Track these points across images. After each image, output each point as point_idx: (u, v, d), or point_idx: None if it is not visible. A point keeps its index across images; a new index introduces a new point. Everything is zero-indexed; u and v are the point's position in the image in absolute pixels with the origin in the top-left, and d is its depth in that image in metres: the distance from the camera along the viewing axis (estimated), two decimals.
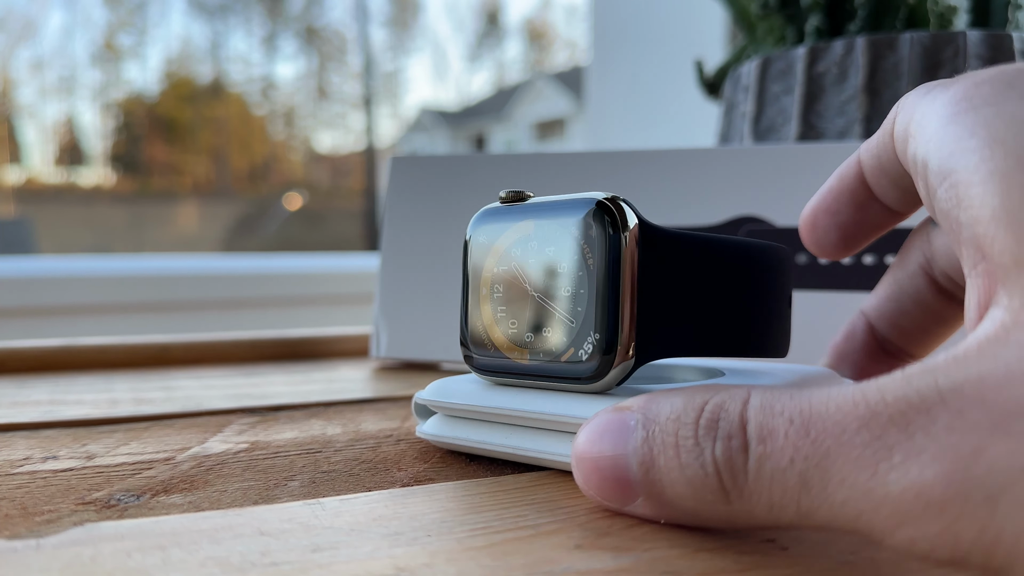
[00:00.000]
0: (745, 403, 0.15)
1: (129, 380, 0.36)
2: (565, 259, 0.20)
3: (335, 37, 2.60)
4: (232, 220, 2.25)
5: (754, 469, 0.14)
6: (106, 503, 0.19)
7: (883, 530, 0.13)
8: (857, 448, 0.13)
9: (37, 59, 2.25)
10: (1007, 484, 0.12)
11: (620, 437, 0.17)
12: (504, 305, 0.22)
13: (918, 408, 0.13)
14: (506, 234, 0.21)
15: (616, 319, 0.19)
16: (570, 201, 0.20)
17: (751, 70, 0.42)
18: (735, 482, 0.15)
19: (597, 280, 0.19)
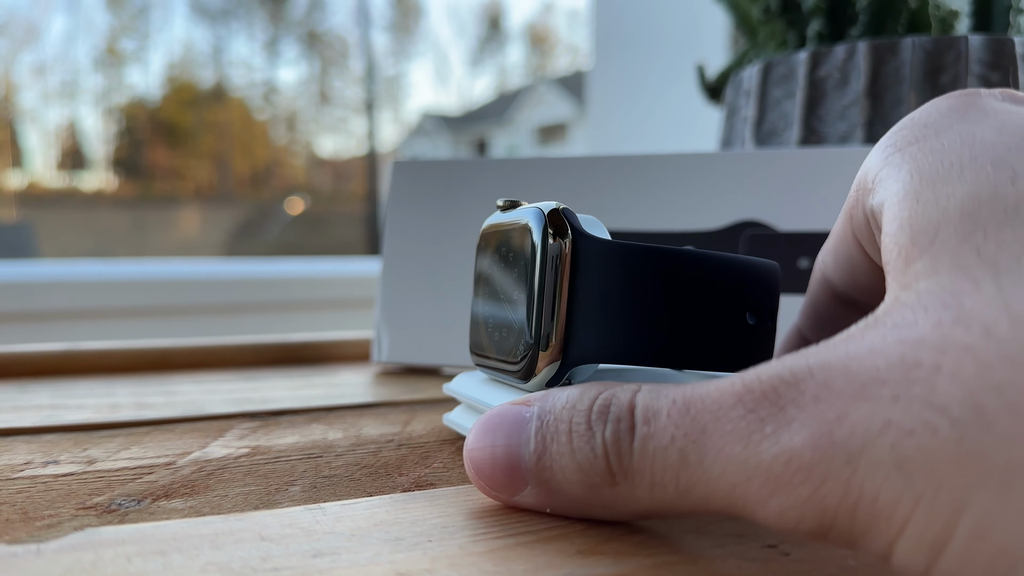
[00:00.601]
0: (635, 392, 0.16)
1: (130, 385, 0.36)
2: (518, 266, 0.21)
3: (337, 42, 2.60)
4: (234, 224, 2.25)
5: (639, 449, 0.15)
6: (107, 508, 0.19)
7: (756, 501, 0.14)
8: (732, 422, 0.14)
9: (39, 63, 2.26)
10: (866, 445, 0.12)
11: (514, 428, 0.17)
12: (487, 306, 0.23)
13: (789, 383, 0.14)
14: (490, 240, 0.23)
15: (541, 323, 0.19)
16: (526, 211, 0.21)
17: (753, 74, 0.42)
18: (621, 463, 0.15)
19: (531, 286, 0.20)
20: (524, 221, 0.20)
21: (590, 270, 0.19)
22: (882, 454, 0.12)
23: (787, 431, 0.13)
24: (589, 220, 0.20)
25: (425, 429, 0.28)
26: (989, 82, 0.37)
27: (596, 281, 0.19)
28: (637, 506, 0.16)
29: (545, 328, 0.19)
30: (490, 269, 0.23)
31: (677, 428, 0.15)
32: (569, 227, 0.19)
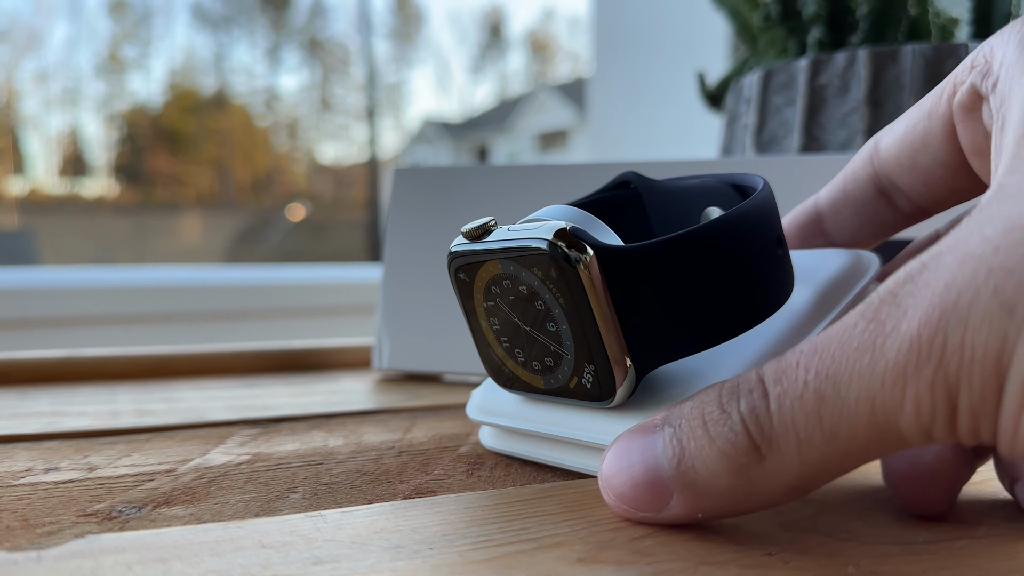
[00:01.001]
0: (760, 365, 0.16)
1: (131, 391, 0.36)
2: (540, 298, 0.20)
3: (338, 49, 2.61)
4: (235, 231, 2.26)
5: (776, 410, 0.15)
6: (107, 515, 0.19)
7: (894, 406, 0.14)
8: (856, 338, 0.14)
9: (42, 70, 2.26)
10: (972, 299, 0.13)
11: (648, 443, 0.17)
12: (505, 337, 0.22)
13: (904, 281, 0.14)
14: (479, 274, 0.21)
15: (603, 348, 0.19)
16: (526, 240, 0.19)
17: (753, 82, 0.42)
18: (762, 431, 0.15)
19: (573, 317, 0.19)
20: (538, 249, 0.19)
21: (624, 280, 0.19)
22: (986, 300, 0.13)
23: (904, 320, 0.13)
24: (586, 220, 0.20)
25: (426, 436, 0.28)
26: None
27: (634, 288, 0.19)
28: (788, 475, 0.15)
29: (610, 350, 0.19)
30: (497, 303, 0.21)
31: (807, 371, 0.15)
32: (587, 245, 0.18)
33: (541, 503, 0.20)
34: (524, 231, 0.19)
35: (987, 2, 0.41)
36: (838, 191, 0.23)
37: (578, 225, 0.19)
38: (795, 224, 0.24)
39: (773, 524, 0.18)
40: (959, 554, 0.17)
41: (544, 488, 0.21)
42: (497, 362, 0.23)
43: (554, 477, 0.23)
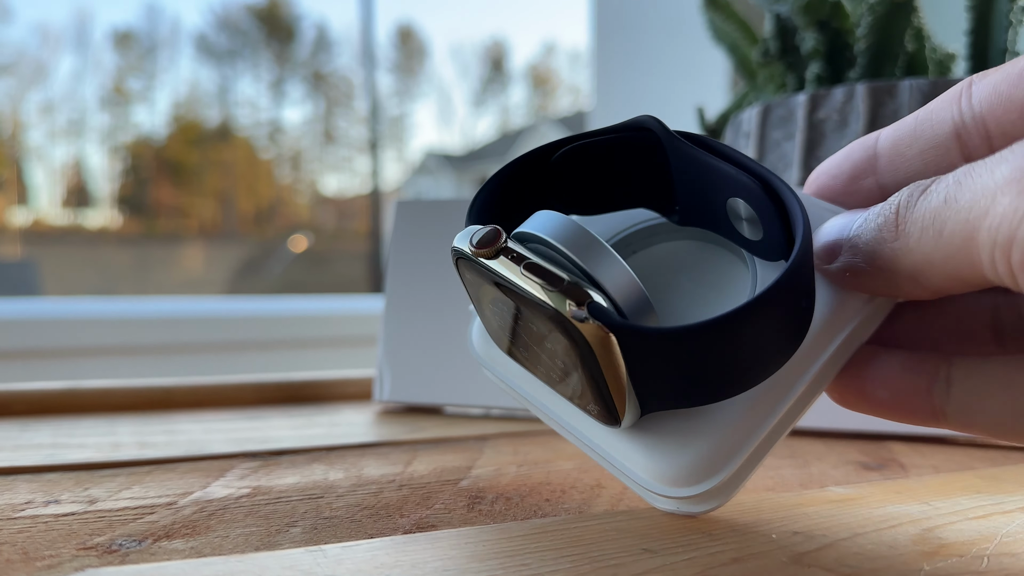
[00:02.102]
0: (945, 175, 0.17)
1: (132, 423, 0.36)
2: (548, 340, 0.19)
3: (342, 83, 2.63)
4: (237, 262, 2.26)
5: (921, 201, 0.17)
6: (108, 548, 0.19)
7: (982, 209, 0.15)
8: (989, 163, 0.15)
9: (47, 102, 2.28)
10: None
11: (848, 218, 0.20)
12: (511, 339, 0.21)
13: None
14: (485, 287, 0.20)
15: (611, 399, 0.18)
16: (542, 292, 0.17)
17: (752, 117, 0.42)
18: (906, 214, 0.17)
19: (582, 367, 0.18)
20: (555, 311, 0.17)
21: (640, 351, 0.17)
22: None
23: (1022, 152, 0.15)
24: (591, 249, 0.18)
25: (427, 469, 0.27)
26: None
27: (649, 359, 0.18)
28: (908, 259, 0.17)
29: (618, 401, 0.18)
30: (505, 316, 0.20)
31: (953, 177, 0.16)
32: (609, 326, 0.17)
33: (542, 538, 0.20)
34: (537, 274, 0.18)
35: (983, 37, 0.41)
36: (906, 129, 0.22)
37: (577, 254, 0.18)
38: (849, 159, 0.23)
39: (776, 559, 0.18)
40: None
41: (545, 523, 0.21)
42: (501, 339, 0.22)
43: (554, 512, 0.22)
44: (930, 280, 0.17)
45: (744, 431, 0.19)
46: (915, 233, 0.17)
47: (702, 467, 0.19)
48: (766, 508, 0.23)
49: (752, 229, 0.21)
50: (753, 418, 0.19)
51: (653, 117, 0.22)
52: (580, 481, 0.26)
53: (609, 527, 0.21)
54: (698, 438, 0.19)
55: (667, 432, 0.19)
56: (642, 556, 0.18)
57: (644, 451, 0.19)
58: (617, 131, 0.23)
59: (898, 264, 0.18)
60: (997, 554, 0.19)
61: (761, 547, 0.19)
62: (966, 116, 0.20)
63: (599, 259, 0.18)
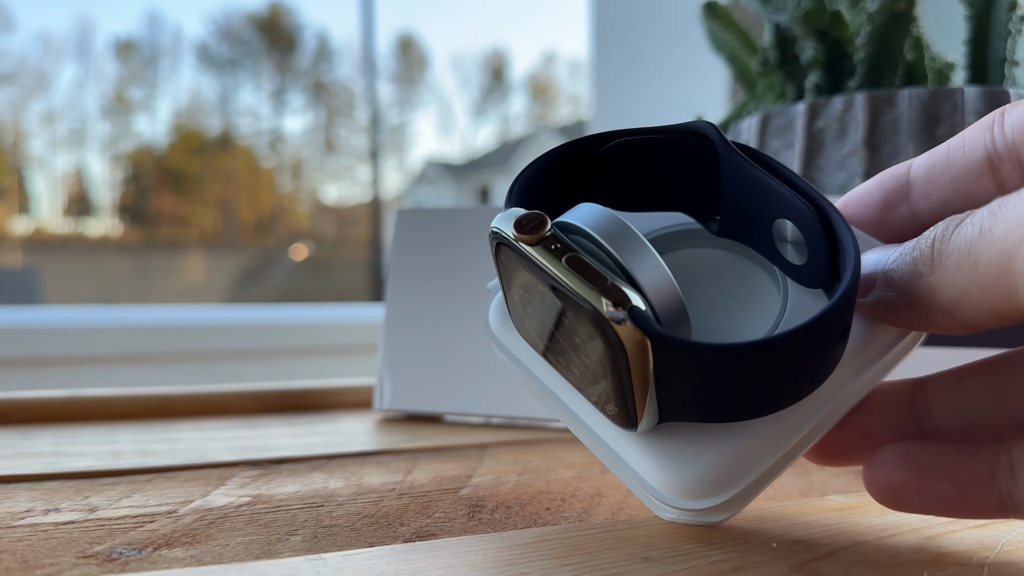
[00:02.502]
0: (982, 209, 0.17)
1: (133, 432, 0.36)
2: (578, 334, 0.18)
3: (343, 92, 2.64)
4: (238, 271, 2.26)
5: (956, 234, 0.17)
6: (108, 556, 0.19)
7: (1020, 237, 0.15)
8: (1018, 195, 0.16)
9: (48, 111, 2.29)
10: None
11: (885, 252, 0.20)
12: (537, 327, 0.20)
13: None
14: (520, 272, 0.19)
15: (634, 403, 0.18)
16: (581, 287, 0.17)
17: (752, 126, 0.43)
18: (941, 247, 0.17)
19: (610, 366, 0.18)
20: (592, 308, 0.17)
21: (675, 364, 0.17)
22: None
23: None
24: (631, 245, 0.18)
25: (427, 478, 0.27)
26: None
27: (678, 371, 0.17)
28: (945, 292, 0.17)
29: (640, 407, 0.18)
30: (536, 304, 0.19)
31: (988, 209, 0.16)
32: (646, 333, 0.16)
33: (542, 547, 0.20)
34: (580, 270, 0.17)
35: (983, 47, 0.41)
36: (939, 157, 0.22)
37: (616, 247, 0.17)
38: (881, 188, 0.23)
39: (776, 568, 0.18)
40: None
41: (545, 532, 0.21)
42: (524, 326, 0.21)
43: (555, 521, 0.22)
44: (965, 313, 0.17)
45: (758, 452, 0.19)
46: (951, 266, 0.17)
47: (711, 482, 0.19)
48: (767, 517, 0.23)
49: (796, 253, 0.21)
50: (770, 440, 0.19)
51: (711, 124, 0.22)
52: (580, 490, 0.26)
53: (609, 536, 0.21)
54: (711, 453, 0.19)
55: (681, 442, 0.19)
56: (642, 565, 0.18)
57: (655, 458, 0.19)
58: (672, 132, 0.22)
59: (934, 298, 0.18)
60: (998, 563, 0.19)
61: (762, 556, 0.19)
62: (999, 144, 0.20)
63: (642, 261, 0.17)
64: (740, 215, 0.22)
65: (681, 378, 0.17)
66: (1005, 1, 0.40)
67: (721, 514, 0.20)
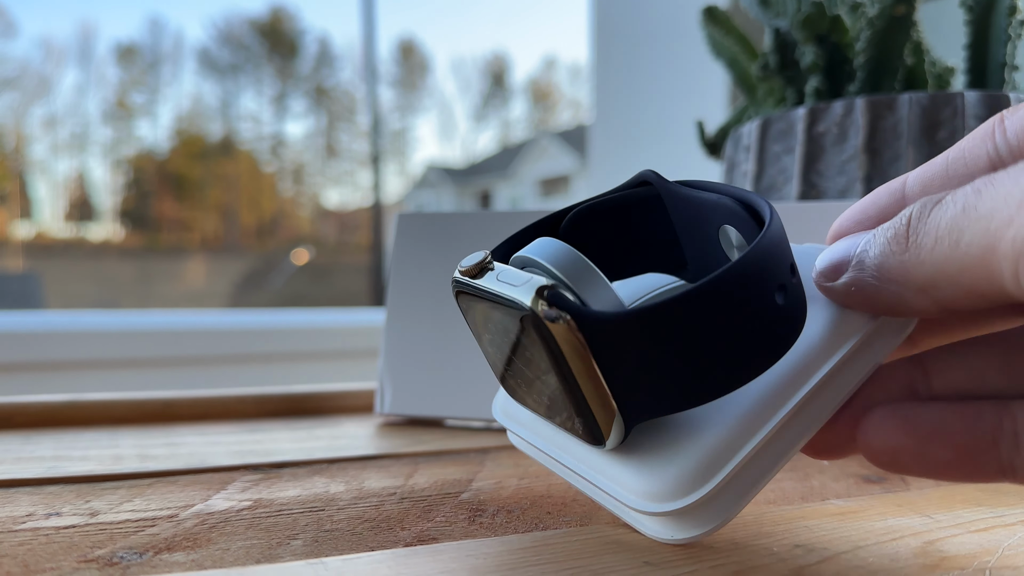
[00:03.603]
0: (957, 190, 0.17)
1: (134, 436, 0.36)
2: (528, 350, 0.19)
3: (344, 97, 2.64)
4: (240, 275, 2.26)
5: (934, 212, 0.17)
6: (109, 561, 0.19)
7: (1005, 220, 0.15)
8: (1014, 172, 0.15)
9: (50, 116, 2.29)
10: None
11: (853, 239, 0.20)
12: (506, 368, 0.22)
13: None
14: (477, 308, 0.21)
15: (588, 405, 0.19)
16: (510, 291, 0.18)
17: (752, 130, 0.43)
18: (918, 224, 0.17)
19: (557, 373, 0.18)
20: (517, 312, 0.18)
21: (608, 345, 0.18)
22: None
23: None
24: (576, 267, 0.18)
25: (428, 482, 0.27)
26: None
27: (618, 352, 0.18)
28: (920, 271, 0.17)
29: (594, 408, 0.19)
30: (493, 339, 0.21)
31: (972, 187, 0.16)
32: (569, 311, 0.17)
33: (543, 551, 0.20)
34: (511, 279, 0.19)
35: (982, 52, 0.41)
36: (937, 169, 0.21)
37: (566, 274, 0.18)
38: (875, 204, 0.22)
39: (779, 573, 0.18)
40: None
41: (546, 536, 0.21)
42: (504, 379, 0.22)
43: (556, 525, 0.22)
44: (943, 293, 0.17)
45: (730, 444, 0.19)
46: (928, 244, 0.17)
47: (685, 480, 0.18)
48: (767, 521, 0.23)
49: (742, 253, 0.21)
50: (740, 431, 0.19)
51: (651, 170, 0.23)
52: (581, 494, 0.26)
53: (610, 540, 0.21)
54: (681, 452, 0.19)
55: (652, 449, 0.19)
56: (643, 569, 0.18)
57: (629, 470, 0.19)
58: (621, 189, 0.24)
59: (908, 276, 0.17)
60: (999, 567, 0.19)
61: (762, 561, 0.19)
62: (1002, 150, 0.20)
63: (587, 280, 0.18)
64: (697, 247, 0.23)
65: (625, 363, 0.18)
66: (1005, 6, 0.40)
67: (706, 521, 0.19)
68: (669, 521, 0.20)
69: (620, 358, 0.18)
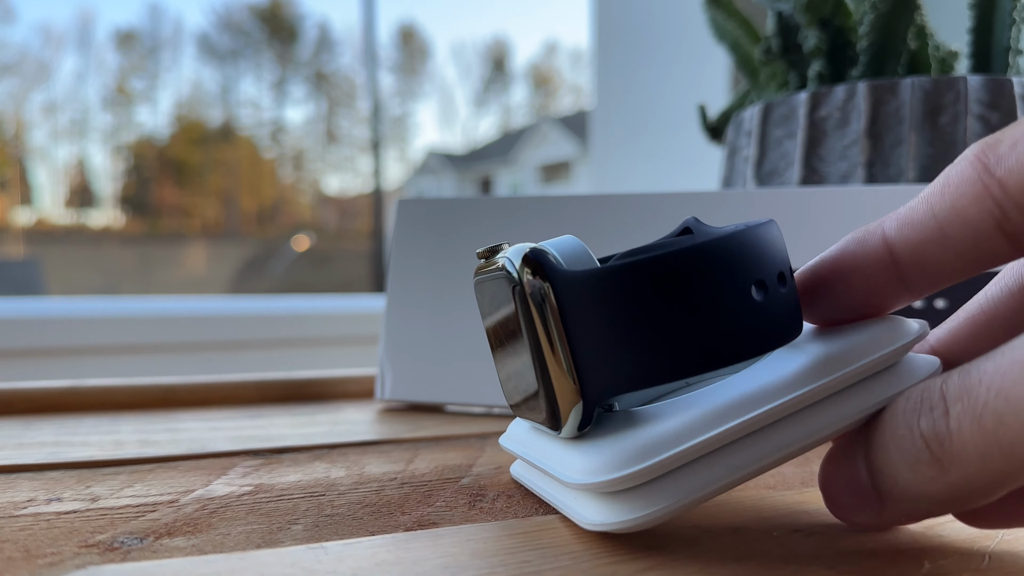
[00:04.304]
0: (945, 378, 0.16)
1: (135, 422, 0.36)
2: (509, 318, 0.20)
3: (344, 82, 2.63)
4: (240, 262, 2.26)
5: (955, 428, 0.15)
6: (109, 546, 0.19)
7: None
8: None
9: (50, 102, 2.29)
10: None
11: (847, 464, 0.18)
12: (501, 362, 0.22)
13: None
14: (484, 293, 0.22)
15: (548, 373, 0.19)
16: (501, 259, 0.20)
17: (754, 115, 0.42)
18: (943, 448, 0.15)
19: (527, 337, 0.19)
20: (500, 273, 0.20)
21: (577, 305, 0.18)
22: None
23: None
24: (569, 246, 0.19)
25: (428, 467, 0.27)
26: (988, 122, 0.37)
27: (587, 314, 0.18)
28: (979, 482, 0.15)
29: (555, 377, 0.19)
30: (490, 323, 0.22)
31: (988, 390, 0.15)
32: (544, 268, 0.18)
33: (543, 535, 0.20)
34: (502, 255, 0.20)
35: (986, 36, 0.41)
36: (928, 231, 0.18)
37: (562, 254, 0.19)
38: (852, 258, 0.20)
39: (777, 557, 0.18)
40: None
41: (546, 520, 0.21)
42: (504, 387, 0.23)
43: (555, 510, 0.22)
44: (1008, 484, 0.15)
45: (680, 433, 0.18)
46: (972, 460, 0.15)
47: (622, 456, 0.18)
48: (767, 506, 0.23)
49: None
50: (695, 424, 0.18)
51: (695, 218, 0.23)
52: None
53: None
54: (629, 435, 0.19)
55: (604, 435, 0.19)
56: (643, 552, 0.18)
57: (577, 451, 0.19)
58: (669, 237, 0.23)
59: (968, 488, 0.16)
60: (999, 552, 0.19)
61: (762, 545, 0.19)
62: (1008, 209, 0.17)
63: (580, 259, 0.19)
64: None
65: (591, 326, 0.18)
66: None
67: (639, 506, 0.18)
68: (600, 502, 0.19)
69: (587, 319, 0.18)
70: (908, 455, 0.16)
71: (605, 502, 0.19)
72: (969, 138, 0.37)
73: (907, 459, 0.16)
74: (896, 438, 0.17)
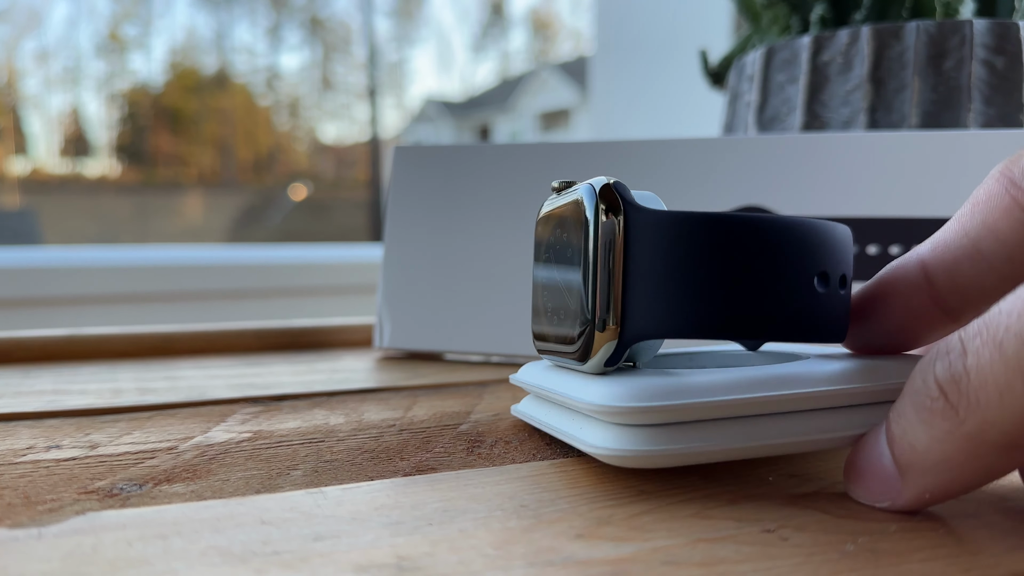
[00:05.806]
0: (964, 328, 0.15)
1: (133, 370, 0.36)
2: (572, 246, 0.20)
3: (340, 28, 2.59)
4: (237, 211, 2.25)
5: (973, 364, 0.14)
6: (108, 492, 0.19)
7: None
8: None
9: (42, 50, 2.25)
10: None
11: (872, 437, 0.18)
12: (547, 293, 0.22)
13: None
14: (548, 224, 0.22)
15: (596, 301, 0.19)
16: (579, 188, 0.20)
17: (755, 60, 0.42)
18: (959, 390, 0.15)
19: (585, 264, 0.19)
20: (575, 198, 0.20)
21: (644, 243, 0.19)
22: None
23: None
24: (646, 196, 0.20)
25: (426, 414, 0.28)
26: (994, 68, 0.36)
27: (651, 254, 0.19)
28: (995, 432, 0.15)
29: (601, 306, 0.19)
30: (548, 253, 0.22)
31: (1010, 316, 0.14)
32: (621, 200, 0.19)
33: (540, 480, 0.20)
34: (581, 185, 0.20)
35: None
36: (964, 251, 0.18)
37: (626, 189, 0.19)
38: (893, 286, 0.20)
39: (772, 501, 0.18)
40: (958, 531, 0.17)
41: (543, 466, 0.21)
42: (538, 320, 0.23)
43: (553, 455, 0.23)
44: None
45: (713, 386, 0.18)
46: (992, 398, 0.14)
47: (645, 390, 0.18)
48: None
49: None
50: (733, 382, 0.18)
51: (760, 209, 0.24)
52: None
53: (607, 469, 0.21)
54: (657, 376, 0.19)
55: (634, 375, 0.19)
56: (639, 496, 0.18)
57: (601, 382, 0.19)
58: None
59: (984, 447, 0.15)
60: (988, 501, 0.19)
61: (757, 489, 0.19)
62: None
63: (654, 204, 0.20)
64: None
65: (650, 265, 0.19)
66: None
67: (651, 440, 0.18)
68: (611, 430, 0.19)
69: (650, 259, 0.19)
70: (923, 410, 0.16)
71: (617, 431, 0.19)
72: (973, 83, 0.36)
73: (923, 415, 0.16)
74: (912, 394, 0.16)
